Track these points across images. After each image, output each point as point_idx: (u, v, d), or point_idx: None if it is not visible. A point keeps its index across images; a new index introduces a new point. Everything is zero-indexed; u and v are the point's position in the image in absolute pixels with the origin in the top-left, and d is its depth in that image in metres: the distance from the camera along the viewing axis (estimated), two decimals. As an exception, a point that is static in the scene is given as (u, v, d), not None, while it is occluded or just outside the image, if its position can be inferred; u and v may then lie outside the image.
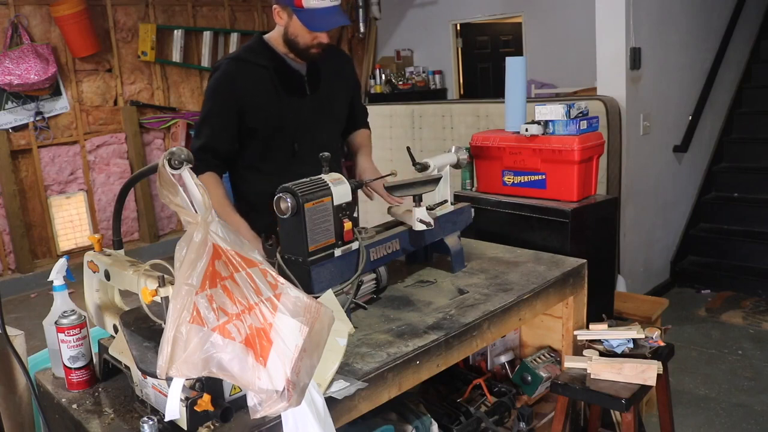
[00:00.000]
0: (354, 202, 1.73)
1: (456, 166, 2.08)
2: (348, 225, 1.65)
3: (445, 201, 2.01)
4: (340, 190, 1.63)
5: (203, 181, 1.94)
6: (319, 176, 1.64)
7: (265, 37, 2.12)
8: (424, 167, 1.97)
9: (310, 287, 1.57)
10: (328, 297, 1.53)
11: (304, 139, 2.14)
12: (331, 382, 1.34)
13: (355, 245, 1.68)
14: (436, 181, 1.90)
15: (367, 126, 2.48)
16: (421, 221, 1.81)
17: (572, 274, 2.02)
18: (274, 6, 1.99)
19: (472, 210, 2.11)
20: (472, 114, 3.88)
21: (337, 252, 1.64)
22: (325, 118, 2.20)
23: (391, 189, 1.82)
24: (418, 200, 1.83)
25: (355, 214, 1.77)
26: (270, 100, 2.07)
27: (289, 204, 1.54)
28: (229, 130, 2.06)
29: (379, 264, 1.80)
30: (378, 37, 7.74)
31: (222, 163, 2.12)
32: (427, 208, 1.86)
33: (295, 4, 1.92)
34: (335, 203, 1.62)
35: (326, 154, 1.66)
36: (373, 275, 1.82)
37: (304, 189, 1.57)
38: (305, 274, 1.57)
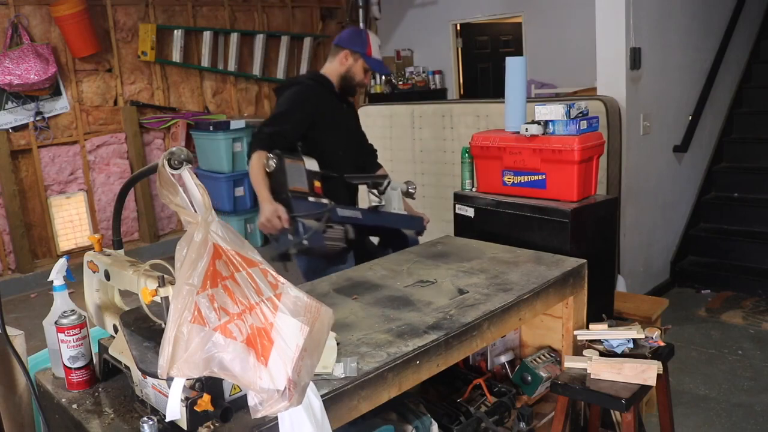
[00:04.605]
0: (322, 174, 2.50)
1: (405, 194, 2.67)
2: (318, 183, 2.41)
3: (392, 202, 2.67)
4: (310, 162, 2.45)
5: (256, 156, 2.58)
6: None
7: (322, 71, 2.79)
8: (377, 184, 2.61)
9: (291, 210, 2.30)
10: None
11: (350, 145, 2.82)
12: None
13: (324, 200, 2.38)
14: (384, 177, 2.64)
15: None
16: (371, 194, 2.56)
17: (572, 274, 2.02)
18: (344, 51, 2.72)
19: (424, 221, 2.66)
20: (472, 114, 3.88)
21: (311, 199, 2.35)
22: (354, 130, 2.96)
23: (350, 178, 2.64)
24: (371, 186, 2.56)
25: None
26: (333, 114, 2.73)
27: (275, 160, 2.39)
28: (299, 132, 2.61)
29: (347, 222, 2.40)
30: (378, 37, 7.74)
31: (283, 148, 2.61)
32: (377, 192, 2.54)
33: (367, 53, 2.73)
34: (307, 167, 2.41)
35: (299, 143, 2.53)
36: (342, 227, 2.39)
37: (285, 153, 2.42)
38: (287, 204, 2.33)
